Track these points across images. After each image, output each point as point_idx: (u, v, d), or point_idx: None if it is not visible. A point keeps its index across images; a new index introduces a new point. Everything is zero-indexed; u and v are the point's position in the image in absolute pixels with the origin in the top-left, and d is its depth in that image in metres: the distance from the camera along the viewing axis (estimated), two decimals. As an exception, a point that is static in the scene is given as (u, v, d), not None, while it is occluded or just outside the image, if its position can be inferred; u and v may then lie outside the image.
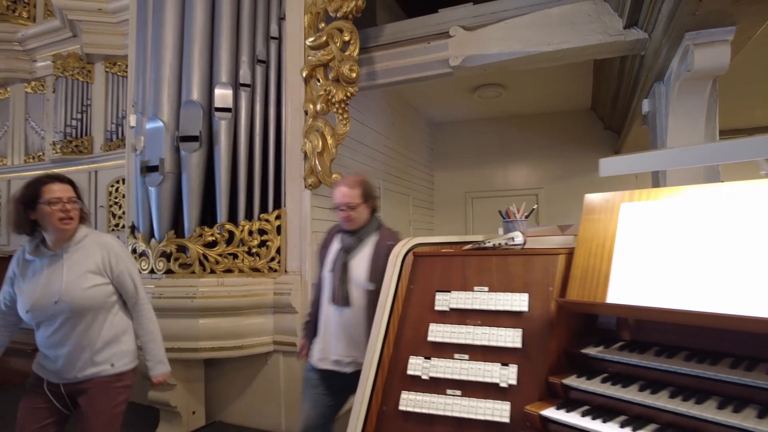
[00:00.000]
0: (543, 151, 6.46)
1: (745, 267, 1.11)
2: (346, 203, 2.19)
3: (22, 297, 1.90)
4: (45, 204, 1.84)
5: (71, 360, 1.90)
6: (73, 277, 1.90)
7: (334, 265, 2.21)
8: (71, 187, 1.95)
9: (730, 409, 1.06)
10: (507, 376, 1.37)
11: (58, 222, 1.86)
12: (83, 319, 1.91)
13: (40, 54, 5.45)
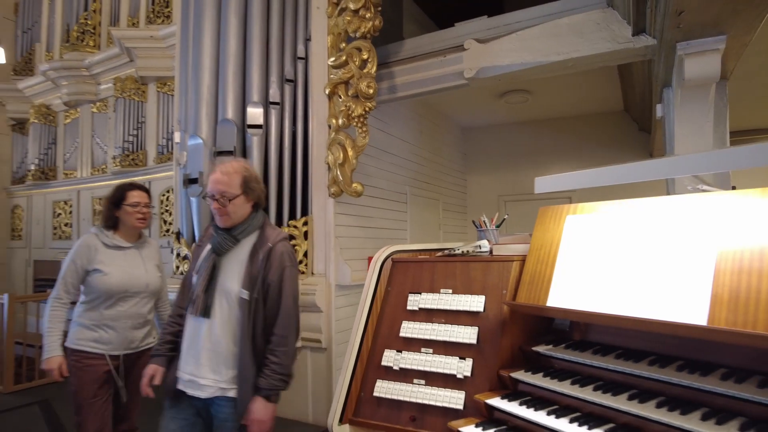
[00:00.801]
0: (576, 153, 6.44)
1: (661, 275, 1.25)
2: (220, 192, 1.82)
3: (109, 277, 2.28)
4: (128, 206, 2.34)
5: (138, 331, 2.38)
6: (151, 266, 2.45)
7: (200, 267, 1.87)
8: (147, 195, 2.46)
9: (637, 400, 1.21)
10: (463, 368, 1.56)
11: (136, 221, 2.36)
12: (151, 300, 2.44)
13: (103, 78, 6.07)
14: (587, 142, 6.37)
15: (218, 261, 1.86)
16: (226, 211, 1.84)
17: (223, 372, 1.78)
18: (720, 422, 1.05)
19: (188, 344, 1.84)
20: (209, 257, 1.87)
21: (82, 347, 2.28)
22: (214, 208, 1.85)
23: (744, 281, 1.08)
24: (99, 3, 6.14)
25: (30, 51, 7.19)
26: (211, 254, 1.87)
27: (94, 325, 2.29)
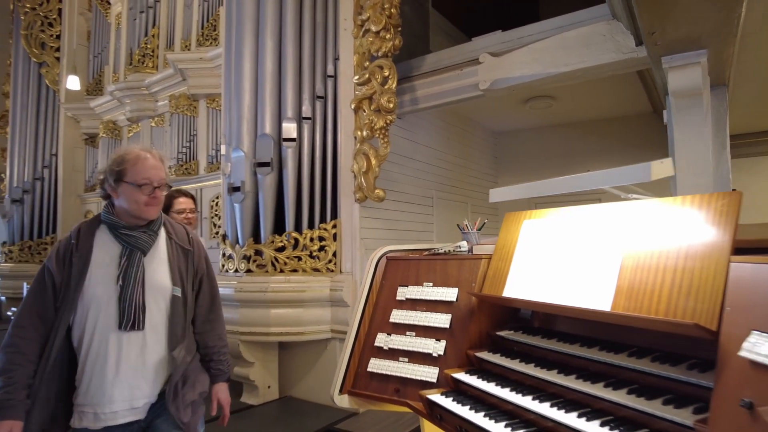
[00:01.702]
0: (606, 155, 6.49)
1: (584, 271, 1.51)
2: (160, 180, 1.71)
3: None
4: (175, 212, 2.69)
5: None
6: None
7: (126, 273, 1.65)
8: (192, 201, 2.81)
9: (564, 374, 1.48)
10: (438, 348, 1.86)
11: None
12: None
13: (160, 96, 6.74)
14: (618, 144, 6.41)
15: (143, 261, 1.70)
16: (160, 201, 1.74)
17: (160, 380, 1.71)
18: (616, 388, 1.31)
19: (113, 367, 1.62)
20: (134, 260, 1.67)
21: None
22: (151, 200, 1.69)
23: (638, 276, 1.34)
24: (157, 29, 6.82)
25: (100, 73, 8.03)
26: (134, 255, 1.68)
27: None
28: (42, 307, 1.62)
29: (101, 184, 1.75)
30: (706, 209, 1.27)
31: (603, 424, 1.23)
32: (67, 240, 1.70)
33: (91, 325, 1.64)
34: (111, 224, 1.72)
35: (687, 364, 1.25)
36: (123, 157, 1.70)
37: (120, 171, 1.68)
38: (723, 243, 1.18)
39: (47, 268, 1.66)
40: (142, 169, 1.69)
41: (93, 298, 1.64)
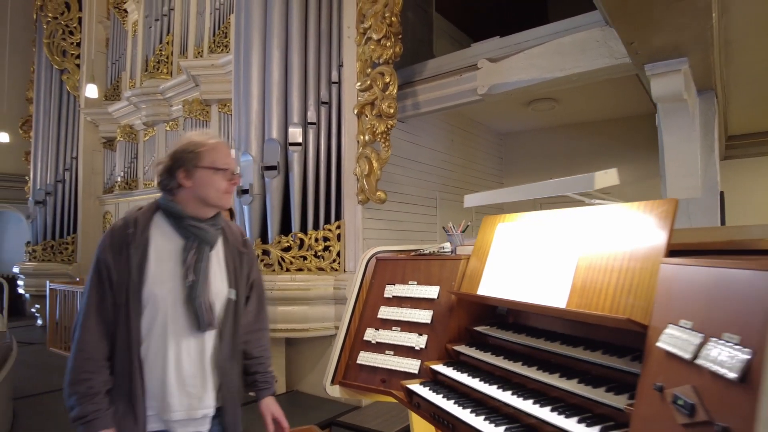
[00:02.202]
0: (609, 156, 6.54)
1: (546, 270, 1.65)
2: (235, 169, 1.61)
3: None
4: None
5: None
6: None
7: (196, 268, 1.51)
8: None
9: (527, 365, 1.62)
10: (420, 342, 2.01)
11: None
12: None
13: (174, 101, 6.99)
14: (620, 145, 6.46)
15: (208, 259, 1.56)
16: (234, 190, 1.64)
17: (214, 390, 1.58)
18: (569, 378, 1.45)
19: (176, 373, 1.49)
20: (203, 255, 1.53)
21: None
22: (233, 185, 1.60)
23: (591, 275, 1.47)
24: (171, 36, 7.07)
25: (117, 79, 8.33)
26: (202, 250, 1.54)
27: None
28: (102, 306, 1.46)
29: (166, 172, 1.54)
30: (649, 215, 1.40)
31: (553, 409, 1.37)
32: (122, 228, 1.49)
33: (150, 326, 1.48)
34: (176, 213, 1.53)
35: (632, 356, 1.38)
36: (197, 142, 1.55)
37: (197, 155, 1.52)
38: (659, 246, 1.31)
39: (101, 261, 1.47)
40: (223, 153, 1.57)
41: (152, 296, 1.47)
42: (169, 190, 1.56)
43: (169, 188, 1.55)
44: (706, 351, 0.93)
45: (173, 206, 1.54)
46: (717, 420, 0.85)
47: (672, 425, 0.98)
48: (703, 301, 1.01)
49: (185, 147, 1.55)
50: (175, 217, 1.54)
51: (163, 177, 1.56)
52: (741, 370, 0.81)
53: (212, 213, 1.59)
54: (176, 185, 1.53)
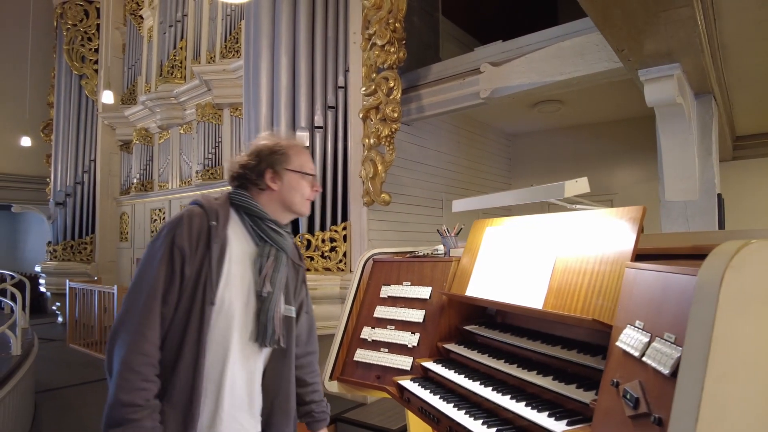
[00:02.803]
0: (616, 157, 6.55)
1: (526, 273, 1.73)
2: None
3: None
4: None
5: None
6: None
7: (273, 277, 1.39)
8: None
9: (509, 363, 1.70)
10: (412, 340, 2.11)
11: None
12: None
13: (188, 105, 7.18)
14: (627, 146, 6.46)
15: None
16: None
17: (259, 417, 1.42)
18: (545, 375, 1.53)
19: (230, 392, 1.33)
20: (280, 262, 1.41)
21: None
22: (316, 192, 1.52)
23: (566, 278, 1.55)
24: (185, 41, 7.25)
25: (133, 84, 8.56)
26: (279, 258, 1.41)
27: None
28: (165, 299, 1.25)
29: (251, 169, 1.42)
30: (619, 221, 1.48)
31: (528, 404, 1.46)
32: (203, 218, 1.33)
33: (212, 336, 1.29)
34: (258, 214, 1.41)
35: (603, 354, 1.46)
36: (283, 144, 1.46)
37: (286, 156, 1.43)
38: (626, 251, 1.39)
39: (177, 247, 1.27)
40: (309, 158, 1.50)
41: (223, 301, 1.31)
42: (247, 189, 1.44)
43: (249, 187, 1.44)
44: (651, 349, 1.02)
45: (255, 206, 1.41)
46: (654, 412, 0.94)
47: (623, 418, 1.06)
48: (654, 304, 1.09)
49: (272, 147, 1.44)
50: (255, 217, 1.41)
51: (247, 174, 1.43)
52: (672, 366, 0.90)
53: (289, 219, 1.50)
54: (263, 186, 1.42)
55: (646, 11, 2.01)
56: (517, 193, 1.78)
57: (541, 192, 1.60)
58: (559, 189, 1.54)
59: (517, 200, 1.75)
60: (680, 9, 1.99)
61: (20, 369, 3.39)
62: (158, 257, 1.27)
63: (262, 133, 1.57)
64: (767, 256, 0.79)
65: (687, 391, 0.76)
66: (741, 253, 0.79)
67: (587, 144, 6.83)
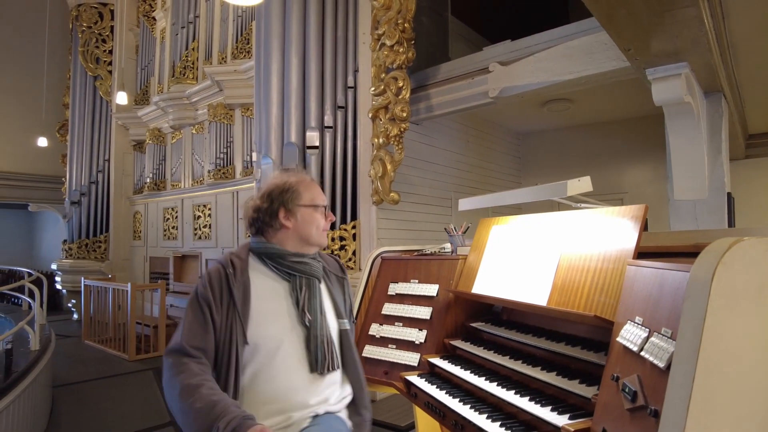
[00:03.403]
0: (628, 155, 6.52)
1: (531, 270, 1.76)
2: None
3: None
4: None
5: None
6: None
7: (311, 305, 1.49)
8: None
9: (513, 358, 1.74)
10: (419, 337, 2.14)
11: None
12: None
13: (200, 105, 7.27)
14: (637, 144, 6.43)
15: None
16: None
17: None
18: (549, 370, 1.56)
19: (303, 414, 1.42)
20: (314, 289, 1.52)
21: None
22: (330, 222, 1.62)
23: (570, 275, 1.58)
24: (196, 42, 7.35)
25: (146, 84, 8.68)
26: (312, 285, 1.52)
27: None
28: (203, 341, 1.37)
29: (269, 211, 1.52)
30: (622, 219, 1.50)
31: (531, 399, 1.49)
32: (219, 270, 1.46)
33: (255, 370, 1.40)
34: (277, 254, 1.52)
35: (606, 350, 1.48)
36: (292, 181, 1.55)
37: (296, 193, 1.53)
38: (628, 249, 1.41)
39: (201, 298, 1.42)
40: (318, 190, 1.59)
41: (262, 338, 1.41)
42: (265, 232, 1.54)
43: (263, 231, 1.54)
44: (649, 344, 1.04)
45: (272, 248, 1.52)
46: (651, 404, 0.96)
47: (621, 411, 1.09)
48: (652, 300, 1.12)
49: (281, 186, 1.53)
50: (275, 258, 1.51)
51: (260, 219, 1.53)
52: (667, 360, 0.93)
53: (313, 251, 1.59)
54: (278, 226, 1.52)
55: (651, 11, 2.03)
56: (521, 192, 1.81)
57: (545, 191, 1.63)
58: (562, 188, 1.56)
59: (521, 199, 1.78)
60: (685, 9, 2.00)
61: (38, 363, 3.48)
62: (187, 313, 1.42)
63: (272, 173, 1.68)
64: (757, 254, 0.82)
65: (679, 383, 0.79)
66: (732, 250, 0.81)
67: (597, 142, 6.81)
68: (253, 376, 1.40)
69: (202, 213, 7.31)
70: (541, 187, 1.66)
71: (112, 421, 3.92)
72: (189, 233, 7.53)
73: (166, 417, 4.00)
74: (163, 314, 6.40)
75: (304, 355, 1.44)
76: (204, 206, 7.28)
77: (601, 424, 1.18)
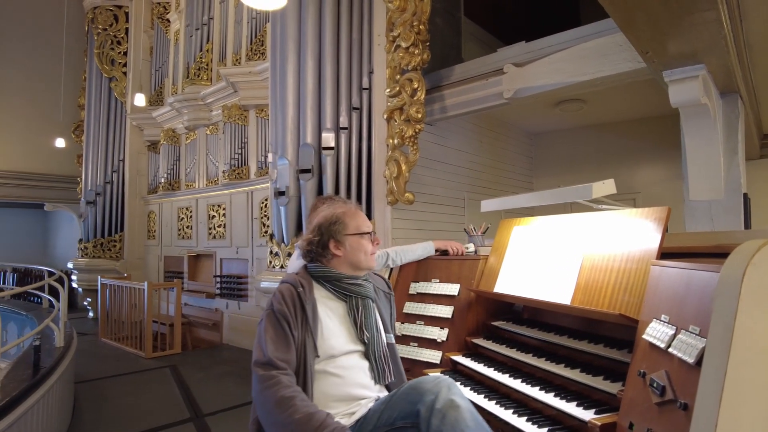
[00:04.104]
0: (641, 155, 6.51)
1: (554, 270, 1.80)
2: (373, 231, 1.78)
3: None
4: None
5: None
6: None
7: (368, 323, 1.65)
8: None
9: (537, 356, 1.78)
10: (441, 335, 2.19)
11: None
12: None
13: (214, 106, 7.36)
14: (650, 144, 6.42)
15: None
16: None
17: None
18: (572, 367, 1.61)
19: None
20: (369, 308, 1.68)
21: None
22: (377, 246, 1.77)
23: (593, 275, 1.62)
24: (211, 44, 7.43)
25: (161, 85, 8.79)
26: (367, 305, 1.67)
27: None
28: (287, 353, 1.50)
29: (320, 243, 1.69)
30: (645, 221, 1.54)
31: (556, 395, 1.53)
32: (290, 289, 1.61)
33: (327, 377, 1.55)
34: (334, 277, 1.68)
35: (629, 348, 1.53)
36: (338, 213, 1.72)
37: (343, 224, 1.70)
38: (652, 249, 1.45)
39: (278, 313, 1.55)
40: (362, 218, 1.75)
41: (330, 349, 1.57)
42: (319, 260, 1.71)
43: (318, 260, 1.71)
44: (677, 341, 1.09)
45: (330, 272, 1.69)
46: (680, 398, 1.01)
47: (649, 405, 1.13)
48: (678, 298, 1.16)
49: (329, 219, 1.70)
50: (332, 280, 1.68)
51: (313, 251, 1.71)
52: (697, 356, 0.97)
53: (363, 274, 1.75)
54: (330, 256, 1.69)
55: (671, 15, 2.06)
56: (545, 194, 1.85)
57: (569, 193, 1.67)
58: (587, 190, 1.60)
59: (545, 201, 1.82)
60: (705, 12, 2.03)
61: (64, 360, 3.57)
62: (266, 328, 1.54)
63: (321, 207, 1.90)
64: (786, 254, 0.86)
65: (711, 377, 0.84)
66: (762, 252, 0.85)
67: (610, 142, 6.80)
68: (323, 382, 1.54)
69: (217, 213, 7.40)
70: (565, 189, 1.70)
71: (133, 416, 4.00)
72: (203, 233, 7.62)
73: (186, 413, 4.08)
74: (178, 313, 6.50)
75: (365, 367, 1.62)
76: (219, 206, 7.37)
77: (628, 417, 1.22)
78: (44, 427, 2.98)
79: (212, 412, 4.12)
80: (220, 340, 7.02)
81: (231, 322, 6.94)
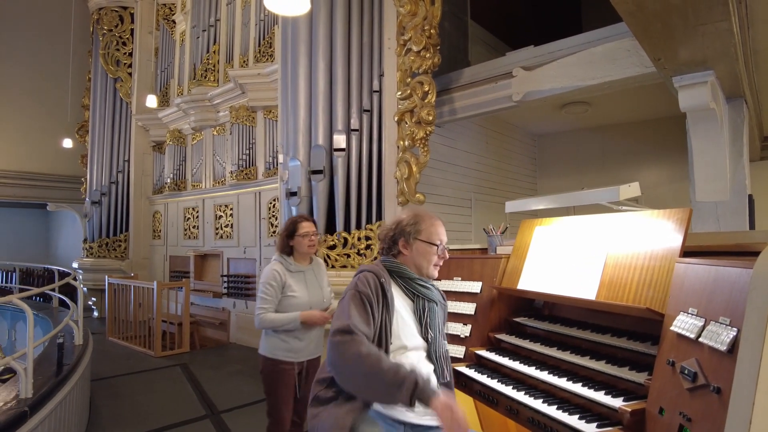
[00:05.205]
0: (644, 157, 6.62)
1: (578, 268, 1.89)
2: (446, 244, 1.85)
3: (298, 299, 2.61)
4: (299, 236, 2.66)
5: (315, 340, 2.70)
6: (324, 284, 2.83)
7: (432, 325, 1.72)
8: (314, 225, 2.74)
9: (562, 350, 1.87)
10: (465, 331, 2.28)
11: (308, 248, 2.70)
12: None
13: (221, 107, 7.43)
14: (653, 147, 6.54)
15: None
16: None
17: None
18: (597, 359, 1.70)
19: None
20: (434, 312, 1.75)
21: (277, 356, 2.58)
22: (442, 259, 1.82)
23: (617, 272, 1.71)
24: (218, 45, 7.50)
25: (166, 86, 8.85)
26: (432, 308, 1.75)
27: (287, 338, 2.58)
28: (368, 329, 1.56)
29: (392, 238, 1.78)
30: (667, 221, 1.63)
31: (584, 385, 1.62)
32: (374, 277, 1.68)
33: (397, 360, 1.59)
34: (407, 275, 1.75)
35: (651, 341, 1.62)
36: (420, 216, 1.79)
37: (418, 229, 1.76)
38: (675, 247, 1.55)
39: (362, 293, 1.62)
40: (439, 230, 1.81)
41: (402, 337, 1.64)
42: (392, 254, 1.79)
43: (388, 252, 1.80)
44: (707, 331, 1.18)
45: (403, 270, 1.75)
46: (712, 383, 1.10)
47: (680, 391, 1.22)
48: (706, 293, 1.25)
49: (409, 219, 1.79)
50: (405, 278, 1.75)
51: (387, 242, 1.80)
52: (729, 344, 1.06)
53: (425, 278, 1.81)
54: (396, 251, 1.78)
55: (686, 25, 2.16)
56: (572, 196, 1.94)
57: (596, 195, 1.76)
58: (614, 192, 1.70)
59: (572, 202, 1.92)
60: (718, 23, 2.13)
61: (84, 357, 3.64)
62: (350, 304, 1.60)
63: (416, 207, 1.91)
64: (813, 251, 0.95)
65: (747, 362, 0.93)
66: (791, 249, 0.95)
67: (613, 144, 6.92)
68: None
69: (224, 213, 7.47)
70: (591, 192, 1.79)
71: (150, 413, 4.08)
72: (210, 233, 7.69)
73: (202, 411, 4.16)
74: (187, 312, 6.57)
75: (429, 368, 1.68)
76: (226, 206, 7.44)
77: (657, 404, 1.32)
78: (68, 423, 3.05)
79: (227, 409, 4.20)
80: (227, 339, 7.09)
81: (238, 321, 7.01)
